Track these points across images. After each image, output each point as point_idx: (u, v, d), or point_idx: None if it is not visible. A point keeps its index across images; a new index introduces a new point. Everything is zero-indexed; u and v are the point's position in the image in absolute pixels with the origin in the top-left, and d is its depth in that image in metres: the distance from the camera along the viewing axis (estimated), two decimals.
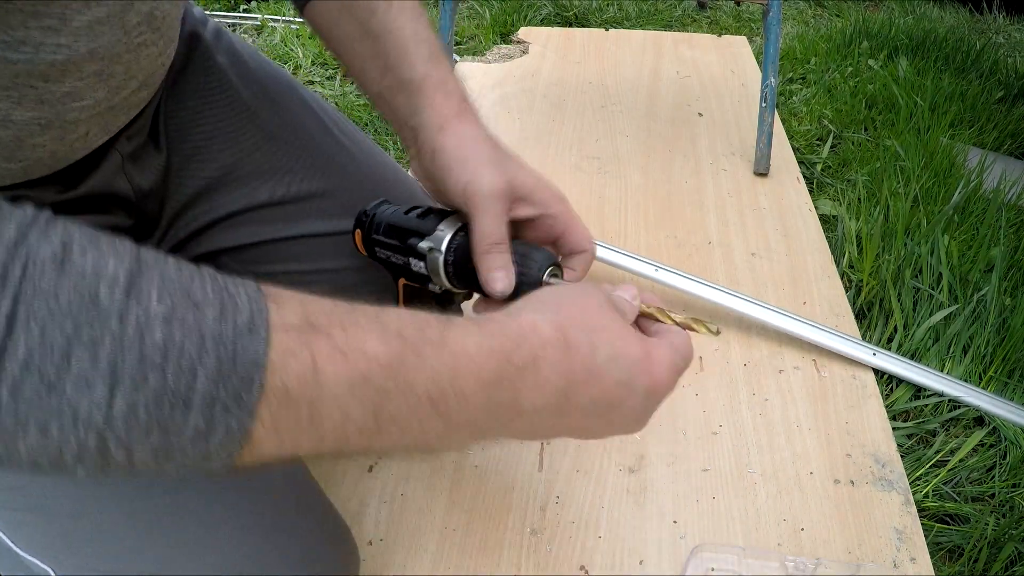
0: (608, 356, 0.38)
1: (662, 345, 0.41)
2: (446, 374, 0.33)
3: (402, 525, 0.73)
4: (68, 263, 0.27)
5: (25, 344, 0.25)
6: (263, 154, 0.68)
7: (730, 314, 0.97)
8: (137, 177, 0.60)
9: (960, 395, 0.90)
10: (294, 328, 0.30)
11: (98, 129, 0.52)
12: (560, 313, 0.38)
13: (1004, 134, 1.50)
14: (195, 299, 0.29)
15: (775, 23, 1.19)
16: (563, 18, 2.01)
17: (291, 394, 0.29)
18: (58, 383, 0.26)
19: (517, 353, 0.35)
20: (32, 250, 0.26)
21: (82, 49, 0.44)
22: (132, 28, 0.48)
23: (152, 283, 0.28)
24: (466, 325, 0.35)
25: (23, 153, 0.47)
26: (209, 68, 0.67)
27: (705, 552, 0.70)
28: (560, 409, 0.37)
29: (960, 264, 1.10)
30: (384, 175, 0.75)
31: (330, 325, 0.31)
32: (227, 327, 0.29)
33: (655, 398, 0.41)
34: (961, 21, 2.15)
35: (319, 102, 0.75)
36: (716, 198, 1.23)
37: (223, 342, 0.28)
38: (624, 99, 1.53)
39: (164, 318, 0.28)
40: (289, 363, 0.29)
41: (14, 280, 0.26)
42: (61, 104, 0.46)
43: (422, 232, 0.57)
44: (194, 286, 0.29)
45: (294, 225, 0.69)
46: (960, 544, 0.76)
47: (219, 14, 2.03)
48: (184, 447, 0.28)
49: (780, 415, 0.86)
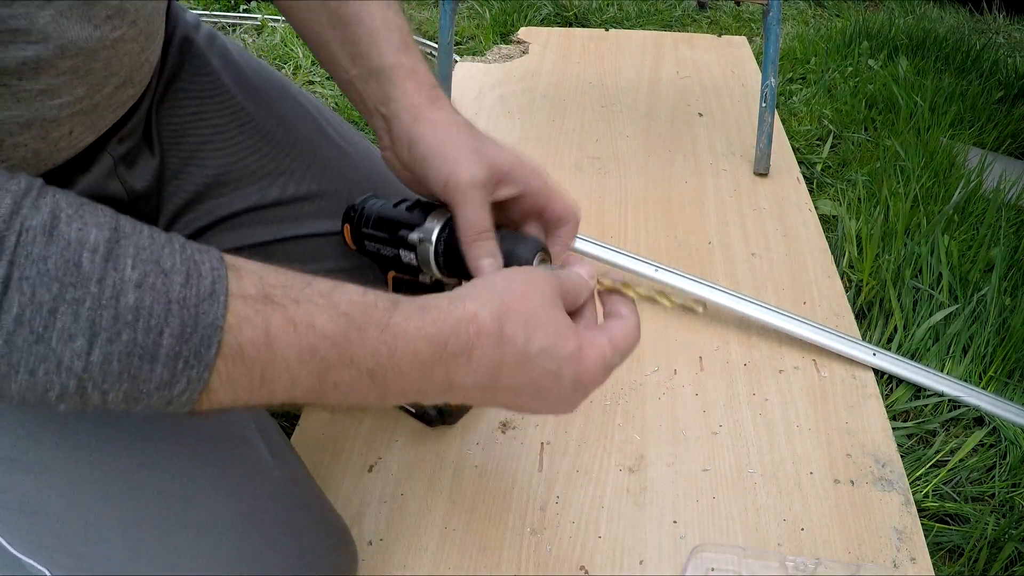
0: (540, 348, 0.41)
1: (598, 339, 0.44)
2: (385, 353, 0.37)
3: (402, 525, 0.73)
4: (56, 232, 0.31)
5: (18, 302, 0.30)
6: (258, 157, 0.68)
7: (730, 314, 0.97)
8: (130, 180, 0.60)
9: (960, 395, 0.90)
10: (251, 298, 0.35)
11: (83, 128, 0.52)
12: (502, 304, 0.41)
13: (1004, 134, 1.50)
14: (164, 267, 0.33)
15: (775, 23, 1.19)
16: (563, 18, 2.01)
17: (245, 355, 0.34)
18: (45, 335, 0.31)
19: (453, 341, 0.39)
20: (25, 220, 0.31)
21: (52, 46, 0.44)
22: (102, 22, 0.47)
23: (128, 252, 0.33)
24: (410, 309, 0.39)
25: (5, 152, 0.47)
26: (203, 72, 0.67)
27: (705, 552, 0.70)
28: (489, 387, 0.41)
29: (960, 264, 1.10)
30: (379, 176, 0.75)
31: (284, 298, 0.35)
32: (191, 292, 0.33)
33: (583, 389, 0.44)
34: (961, 21, 2.15)
35: (314, 103, 0.75)
36: (716, 198, 1.23)
37: (187, 306, 0.33)
38: (624, 99, 1.53)
39: (136, 283, 0.32)
40: (244, 328, 0.34)
41: (9, 247, 0.30)
42: (38, 102, 0.46)
43: (411, 224, 0.58)
44: (164, 254, 0.34)
45: (290, 227, 0.69)
46: (960, 544, 0.76)
47: (219, 14, 2.03)
48: (151, 393, 0.33)
49: (780, 415, 0.86)
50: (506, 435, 0.83)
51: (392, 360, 0.38)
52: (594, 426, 0.84)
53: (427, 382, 0.39)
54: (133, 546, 0.48)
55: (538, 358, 0.41)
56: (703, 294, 0.97)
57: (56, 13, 0.44)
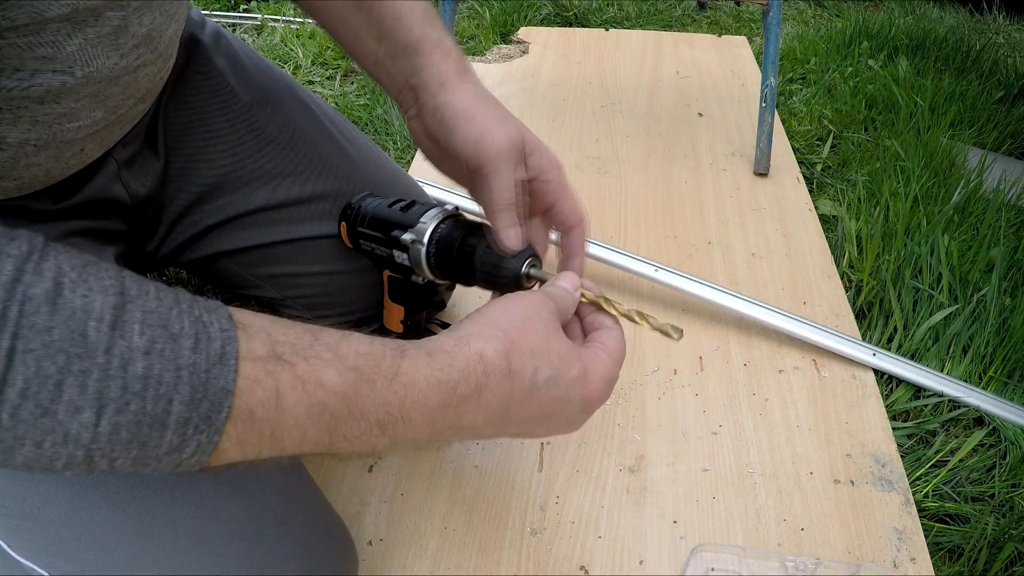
0: (548, 377, 0.41)
1: (600, 359, 0.45)
2: (395, 403, 0.37)
3: (402, 525, 0.73)
4: (60, 300, 0.30)
5: (23, 376, 0.29)
6: (262, 158, 0.68)
7: (730, 314, 0.97)
8: (133, 183, 0.60)
9: (960, 395, 0.90)
10: (260, 359, 0.34)
11: (94, 145, 0.52)
12: (507, 339, 0.41)
13: (1004, 134, 1.50)
14: (172, 331, 0.32)
15: (775, 23, 1.19)
16: (563, 18, 2.01)
17: (255, 417, 0.34)
18: (51, 408, 0.30)
19: (463, 384, 0.39)
20: (28, 288, 0.30)
21: (77, 74, 0.44)
22: (129, 51, 0.48)
23: (135, 317, 0.32)
24: (418, 356, 0.39)
25: (17, 172, 0.47)
26: (208, 71, 0.66)
27: (705, 552, 0.70)
28: (499, 424, 0.41)
29: (960, 264, 1.10)
30: (383, 177, 0.75)
31: (293, 355, 0.35)
32: (200, 357, 0.32)
33: (589, 409, 0.44)
34: (961, 21, 2.15)
35: (318, 103, 0.75)
36: (716, 198, 1.23)
37: (196, 372, 0.32)
38: (624, 99, 1.53)
39: (144, 351, 0.31)
40: (255, 390, 0.33)
41: (12, 318, 0.29)
42: (57, 125, 0.46)
43: (405, 224, 0.58)
44: (172, 317, 0.33)
45: (293, 228, 0.69)
46: (960, 544, 0.76)
47: (219, 14, 2.03)
48: (160, 458, 0.32)
49: (780, 415, 0.86)
50: None
51: (403, 410, 0.37)
52: (594, 426, 0.84)
53: (436, 427, 0.39)
54: (133, 550, 0.48)
55: (545, 387, 0.41)
56: (703, 294, 0.97)
57: (84, 42, 0.44)
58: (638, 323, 0.48)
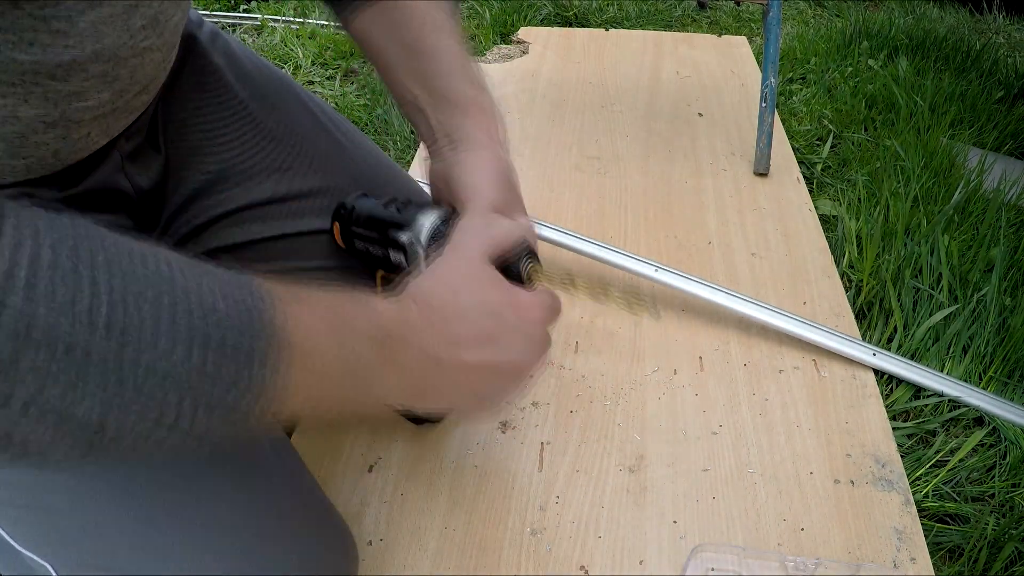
0: (472, 300, 0.45)
1: (527, 291, 0.48)
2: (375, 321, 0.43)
3: (402, 525, 0.73)
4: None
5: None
6: (260, 153, 0.69)
7: (730, 314, 0.97)
8: (136, 176, 0.61)
9: (960, 395, 0.90)
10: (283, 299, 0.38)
11: (99, 131, 0.52)
12: (429, 278, 0.46)
13: (1004, 134, 1.50)
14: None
15: (775, 23, 1.19)
16: (563, 18, 2.01)
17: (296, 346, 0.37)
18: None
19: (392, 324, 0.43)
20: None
21: (87, 50, 0.45)
22: (137, 31, 0.49)
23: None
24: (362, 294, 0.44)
25: (27, 150, 0.48)
26: (206, 68, 0.67)
27: (705, 552, 0.70)
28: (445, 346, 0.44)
29: (960, 264, 1.10)
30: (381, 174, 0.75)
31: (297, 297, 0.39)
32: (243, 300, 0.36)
33: (529, 329, 0.46)
34: (961, 21, 2.15)
35: (316, 101, 0.75)
36: (716, 198, 1.23)
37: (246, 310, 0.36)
38: (624, 99, 1.53)
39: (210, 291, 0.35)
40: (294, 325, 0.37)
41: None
42: (66, 103, 0.47)
43: (401, 224, 0.58)
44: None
45: (292, 222, 0.69)
46: (960, 544, 0.76)
47: (219, 14, 2.03)
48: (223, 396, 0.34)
49: (780, 415, 0.86)
50: (506, 435, 0.83)
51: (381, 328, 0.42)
52: (594, 426, 0.84)
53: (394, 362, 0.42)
54: (136, 544, 0.49)
55: (473, 309, 0.45)
56: (703, 294, 0.97)
57: (97, 19, 0.45)
58: (604, 302, 0.50)
